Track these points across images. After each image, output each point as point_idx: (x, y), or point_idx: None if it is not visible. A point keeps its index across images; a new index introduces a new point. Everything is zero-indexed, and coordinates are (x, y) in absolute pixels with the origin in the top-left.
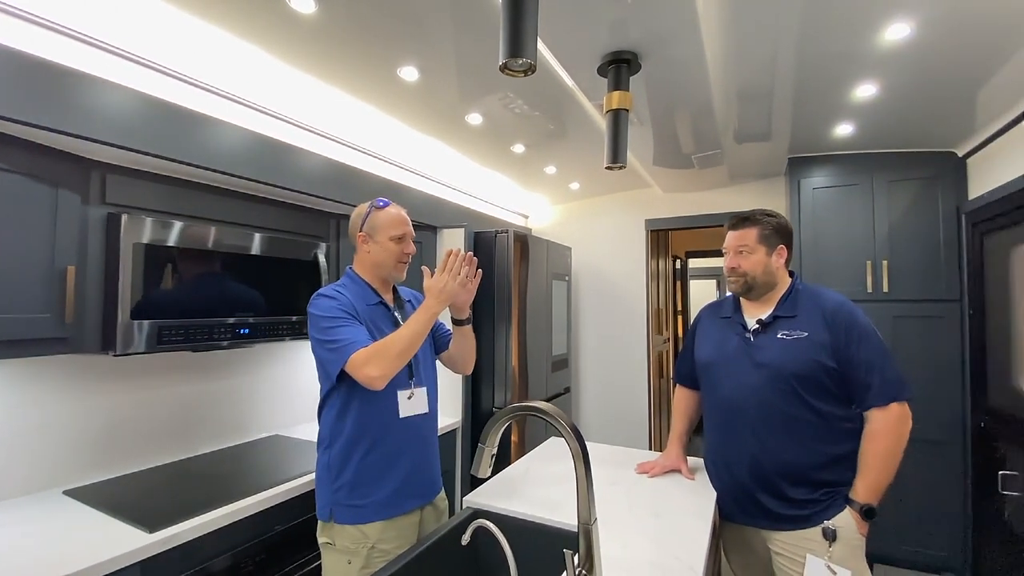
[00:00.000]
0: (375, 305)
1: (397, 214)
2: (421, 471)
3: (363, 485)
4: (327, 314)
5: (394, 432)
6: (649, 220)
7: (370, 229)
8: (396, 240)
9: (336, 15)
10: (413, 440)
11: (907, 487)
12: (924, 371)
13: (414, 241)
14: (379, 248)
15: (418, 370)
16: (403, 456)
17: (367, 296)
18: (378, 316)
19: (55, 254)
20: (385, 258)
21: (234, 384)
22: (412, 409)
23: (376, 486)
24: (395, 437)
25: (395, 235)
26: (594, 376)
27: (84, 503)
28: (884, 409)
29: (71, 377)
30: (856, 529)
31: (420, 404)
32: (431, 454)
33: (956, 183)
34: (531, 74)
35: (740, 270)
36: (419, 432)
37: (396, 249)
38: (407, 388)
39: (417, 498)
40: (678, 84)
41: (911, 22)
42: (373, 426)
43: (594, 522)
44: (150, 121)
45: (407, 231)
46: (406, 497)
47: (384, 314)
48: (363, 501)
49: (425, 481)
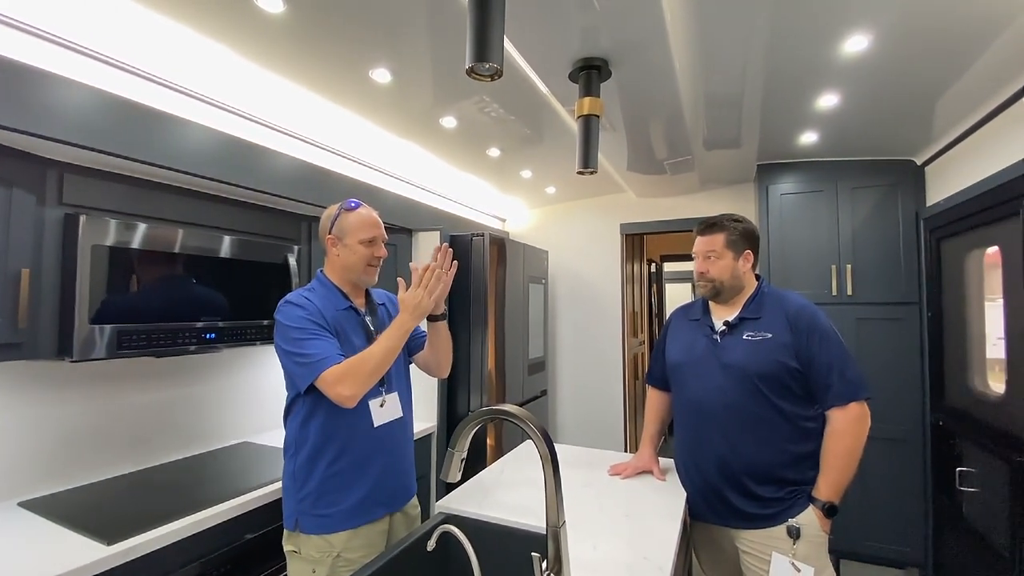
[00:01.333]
0: (344, 311)
1: (367, 216)
2: (391, 478)
3: (329, 494)
4: (295, 324)
5: (361, 439)
6: (624, 224)
7: (339, 231)
8: (366, 243)
9: (305, 15)
10: (383, 446)
11: (870, 484)
12: (886, 371)
13: (387, 244)
14: (348, 251)
15: (389, 375)
16: (372, 463)
17: (336, 301)
18: (347, 322)
19: (8, 256)
20: (355, 262)
21: (201, 390)
22: (385, 416)
23: (343, 495)
24: (363, 444)
25: (364, 238)
26: (570, 379)
27: (40, 515)
28: (844, 409)
29: (25, 384)
30: (819, 526)
31: (393, 410)
32: (402, 460)
33: (915, 190)
34: (498, 78)
35: (708, 275)
36: (389, 438)
37: (366, 252)
38: (378, 396)
39: (385, 506)
40: (648, 91)
41: (869, 35)
42: (340, 433)
43: (563, 525)
44: (111, 119)
45: (377, 234)
46: (374, 505)
47: (354, 320)
48: (329, 511)
49: (395, 488)
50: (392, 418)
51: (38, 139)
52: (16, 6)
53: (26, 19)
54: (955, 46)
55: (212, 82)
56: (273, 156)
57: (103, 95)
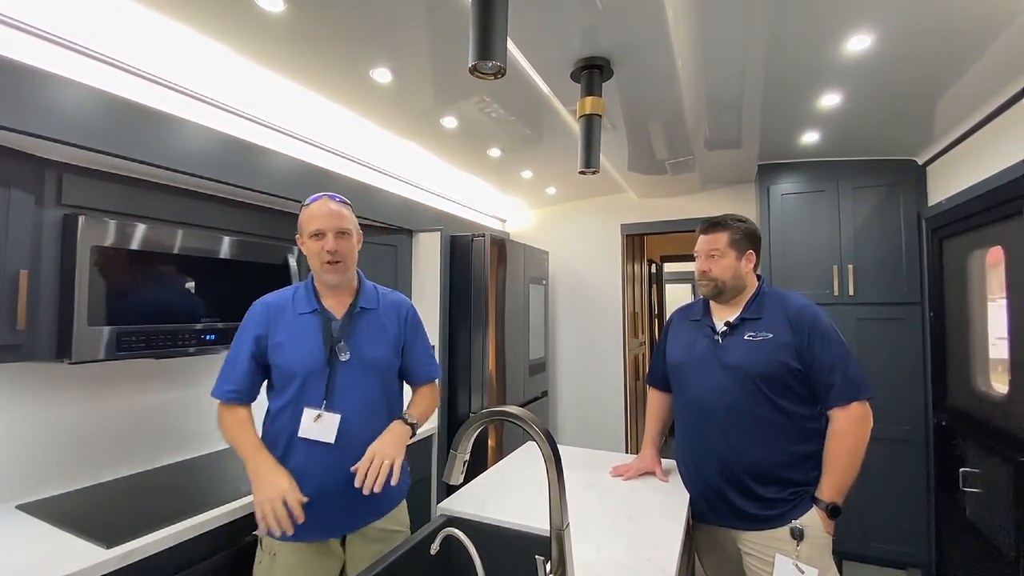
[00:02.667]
0: (307, 314)
1: (317, 208)
2: (326, 501)
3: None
4: (236, 334)
5: (295, 452)
6: (625, 225)
7: (299, 229)
8: (315, 238)
9: (306, 14)
10: (320, 467)
11: (873, 484)
12: (888, 371)
13: (386, 245)
14: (306, 249)
15: (339, 390)
16: (310, 477)
17: (302, 304)
18: (302, 326)
19: (6, 257)
20: (311, 259)
21: (200, 392)
22: (315, 433)
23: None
24: (296, 458)
25: (312, 231)
26: (571, 379)
27: (38, 518)
28: (845, 409)
29: (24, 386)
30: (823, 528)
31: (326, 431)
32: (340, 479)
33: (917, 190)
34: (501, 76)
35: (711, 274)
36: (330, 460)
37: (316, 247)
38: (315, 408)
39: (324, 531)
40: (650, 91)
41: (872, 34)
42: (276, 435)
43: (566, 527)
44: (110, 120)
45: (323, 226)
46: (310, 528)
47: (311, 324)
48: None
49: (336, 514)
50: (320, 439)
51: (37, 139)
52: (15, 6)
53: (25, 19)
54: (957, 45)
55: (212, 82)
56: (273, 156)
57: (102, 95)
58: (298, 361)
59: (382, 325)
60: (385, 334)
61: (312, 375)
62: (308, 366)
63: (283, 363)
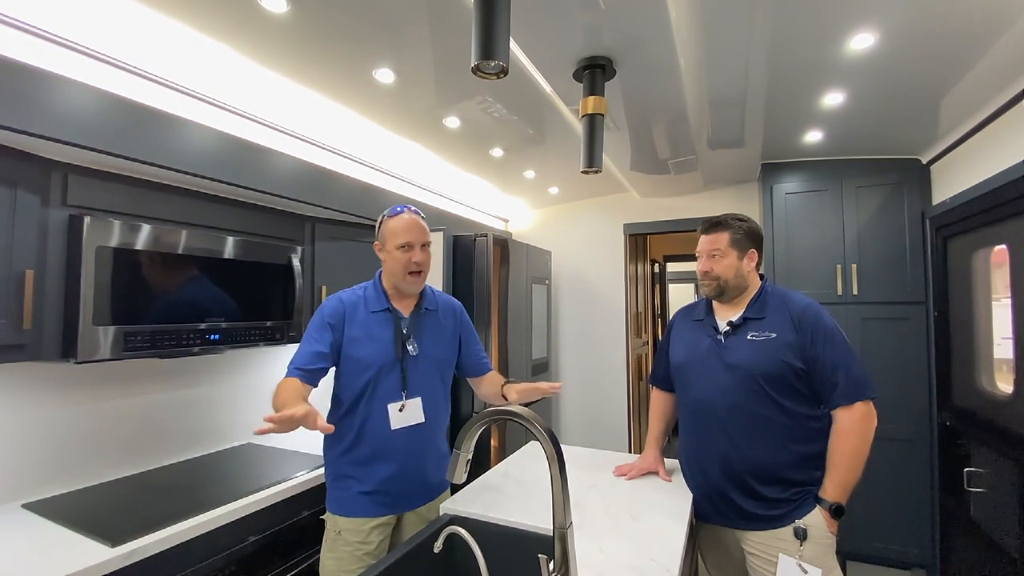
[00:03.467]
0: (378, 312)
1: (405, 221)
2: (401, 481)
3: (340, 479)
4: (311, 323)
5: (374, 438)
6: (627, 224)
7: (382, 238)
8: (402, 248)
9: (309, 15)
10: (396, 448)
11: (877, 485)
12: (892, 371)
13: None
14: (389, 257)
15: (411, 380)
16: (381, 463)
17: (373, 303)
18: (376, 322)
19: (12, 257)
20: (394, 267)
21: (205, 392)
22: (405, 420)
23: (348, 484)
24: (375, 443)
25: (400, 243)
26: (574, 379)
27: (44, 517)
28: (849, 408)
29: (30, 386)
30: (826, 528)
31: (414, 415)
32: (419, 464)
33: (921, 189)
34: (503, 76)
35: (713, 273)
36: (406, 441)
37: (402, 258)
38: (397, 400)
39: (389, 507)
40: (652, 90)
41: (875, 32)
42: (354, 428)
43: (569, 526)
44: (115, 121)
45: (412, 239)
46: (377, 504)
47: (384, 320)
48: (337, 493)
49: (405, 491)
50: (412, 423)
51: (42, 140)
52: (20, 8)
53: (30, 20)
54: (961, 43)
55: (216, 83)
56: (276, 157)
57: (107, 96)
58: (373, 354)
59: (441, 325)
60: (444, 333)
61: (385, 367)
62: (381, 359)
63: (359, 355)
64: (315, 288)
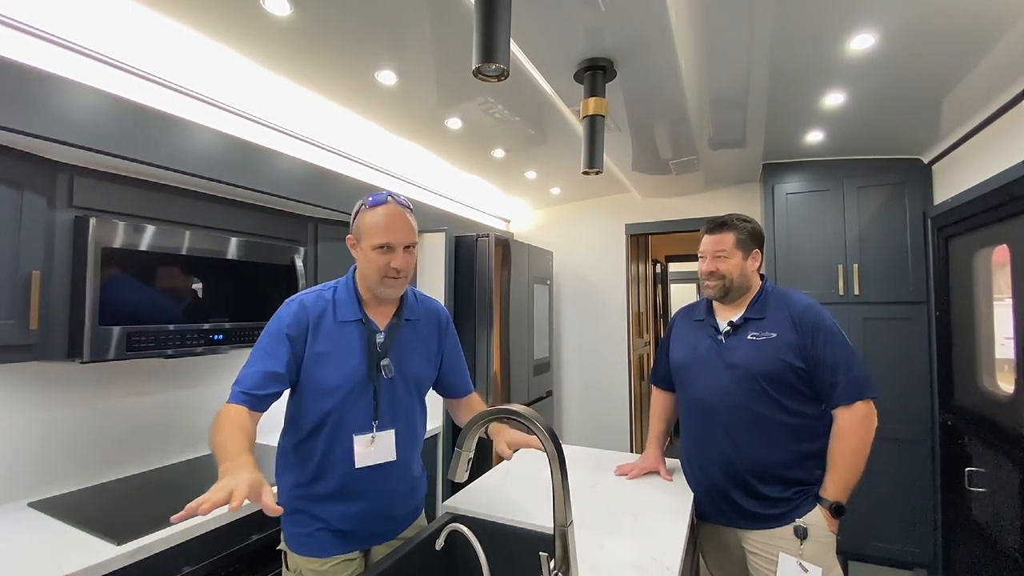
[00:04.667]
0: (349, 323)
1: (385, 216)
2: (369, 522)
3: (295, 513)
4: (266, 331)
5: (337, 473)
6: (629, 225)
7: (357, 232)
8: (380, 250)
9: (312, 18)
10: (363, 488)
11: (878, 484)
12: (893, 371)
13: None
14: (364, 257)
15: (384, 409)
16: (344, 502)
17: (345, 311)
18: (345, 336)
19: (19, 258)
20: (369, 270)
21: (208, 391)
22: (373, 458)
23: (304, 520)
24: (338, 479)
25: (377, 243)
26: (576, 379)
27: (50, 515)
28: (850, 408)
29: (36, 385)
30: (826, 527)
31: (384, 451)
32: (388, 503)
33: (922, 189)
34: (504, 79)
35: (718, 273)
36: (375, 480)
37: (380, 262)
38: (366, 432)
39: (359, 542)
40: (653, 91)
41: (876, 32)
42: (312, 458)
43: (570, 524)
44: (119, 123)
45: (393, 240)
46: (338, 543)
47: (355, 334)
48: (293, 529)
49: (373, 531)
50: (381, 460)
51: (48, 142)
52: (27, 12)
53: (37, 24)
54: (962, 43)
55: (220, 85)
56: (279, 158)
57: (112, 98)
58: (340, 376)
59: (423, 337)
60: (426, 347)
61: (353, 392)
62: (350, 382)
63: (323, 376)
64: None
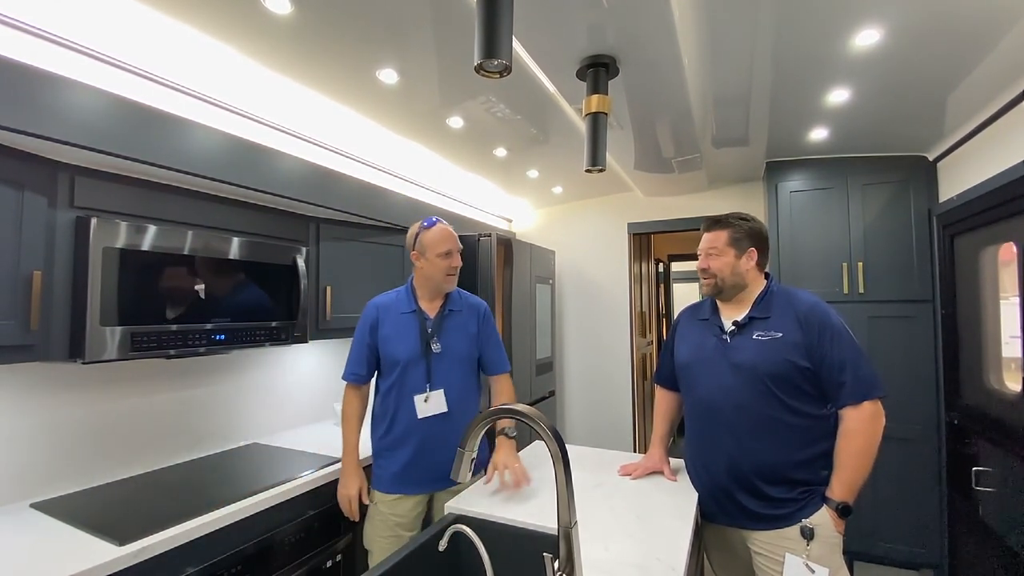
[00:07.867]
0: (407, 314)
1: (443, 232)
2: (427, 462)
3: (379, 458)
4: (357, 327)
5: (404, 423)
6: (631, 224)
7: (420, 248)
8: (443, 256)
9: (313, 16)
10: (422, 433)
11: (884, 484)
12: (899, 370)
13: (394, 246)
14: (429, 264)
15: (436, 374)
16: (409, 445)
17: (403, 305)
18: (404, 323)
19: (20, 258)
20: (434, 272)
21: (210, 392)
22: (429, 410)
23: (386, 462)
24: (405, 428)
25: (442, 251)
26: (579, 379)
27: (52, 516)
28: (857, 407)
29: (37, 386)
30: (833, 527)
31: (437, 405)
32: (443, 448)
33: (927, 186)
34: (507, 75)
35: (709, 271)
36: (430, 427)
37: (444, 264)
38: (422, 392)
39: (419, 485)
40: (656, 89)
41: (880, 29)
42: (388, 414)
43: (574, 525)
44: (120, 123)
45: (452, 247)
46: (410, 482)
47: (411, 322)
48: (378, 472)
49: (432, 472)
50: (435, 412)
51: (49, 142)
52: (27, 11)
53: (36, 23)
54: (968, 39)
55: (220, 84)
56: (281, 158)
57: (113, 98)
58: (401, 351)
59: (465, 324)
60: (467, 332)
61: (411, 362)
62: (408, 355)
63: (389, 352)
64: (320, 288)
